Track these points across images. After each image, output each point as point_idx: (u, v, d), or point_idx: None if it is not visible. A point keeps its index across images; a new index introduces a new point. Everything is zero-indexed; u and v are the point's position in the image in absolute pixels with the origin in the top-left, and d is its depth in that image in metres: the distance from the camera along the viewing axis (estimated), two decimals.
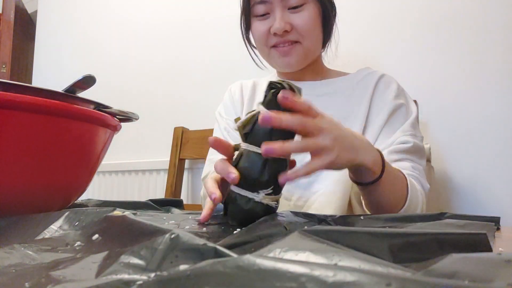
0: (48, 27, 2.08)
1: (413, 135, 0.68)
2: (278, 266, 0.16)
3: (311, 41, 0.71)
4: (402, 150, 0.66)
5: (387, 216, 0.42)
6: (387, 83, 0.75)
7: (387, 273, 0.15)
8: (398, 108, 0.72)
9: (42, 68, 2.06)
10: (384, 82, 0.76)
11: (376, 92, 0.75)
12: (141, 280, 0.18)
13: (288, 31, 0.69)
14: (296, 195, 0.73)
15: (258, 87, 0.84)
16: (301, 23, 0.69)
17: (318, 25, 0.72)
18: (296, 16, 0.69)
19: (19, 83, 0.38)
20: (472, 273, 0.16)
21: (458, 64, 0.99)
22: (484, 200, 0.92)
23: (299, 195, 0.72)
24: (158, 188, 1.42)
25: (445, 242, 0.24)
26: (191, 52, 1.52)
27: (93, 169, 0.50)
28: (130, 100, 1.65)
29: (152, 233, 0.25)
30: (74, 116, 0.42)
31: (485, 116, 0.95)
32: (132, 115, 0.54)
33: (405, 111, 0.72)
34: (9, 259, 0.25)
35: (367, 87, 0.75)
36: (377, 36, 1.11)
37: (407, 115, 0.72)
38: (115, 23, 1.79)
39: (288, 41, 0.70)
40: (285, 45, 0.70)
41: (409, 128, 0.69)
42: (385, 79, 0.76)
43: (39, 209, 0.42)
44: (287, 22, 0.68)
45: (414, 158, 0.67)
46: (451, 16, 1.02)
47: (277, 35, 0.69)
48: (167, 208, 0.61)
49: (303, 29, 0.69)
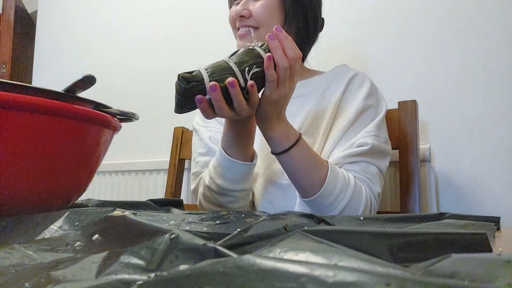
0: (48, 27, 2.08)
1: (375, 136, 0.69)
2: (278, 266, 0.16)
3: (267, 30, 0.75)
4: (357, 153, 0.67)
5: (387, 216, 0.42)
6: (360, 82, 0.76)
7: (387, 273, 0.15)
8: (366, 109, 0.72)
9: (42, 68, 2.06)
10: (357, 80, 0.76)
11: (348, 90, 0.76)
12: (141, 280, 0.18)
13: (246, 17, 0.77)
14: (278, 196, 0.74)
15: None
16: (256, 10, 0.76)
17: (278, 16, 0.78)
18: (256, 4, 0.77)
19: (19, 83, 0.38)
20: (472, 273, 0.16)
21: (458, 64, 0.99)
22: (484, 200, 0.92)
23: (281, 197, 0.74)
24: (158, 188, 1.42)
25: (445, 242, 0.24)
26: (191, 52, 1.52)
27: (93, 169, 0.50)
28: (130, 100, 1.65)
29: (152, 233, 0.25)
30: (74, 116, 0.42)
31: (485, 116, 0.95)
32: (132, 115, 0.54)
33: (373, 113, 0.72)
34: (9, 259, 0.25)
35: (340, 84, 0.77)
36: (377, 36, 1.11)
37: (374, 115, 0.72)
38: (115, 23, 1.79)
39: (247, 25, 0.77)
40: (243, 29, 0.78)
41: (373, 129, 0.70)
42: (359, 78, 0.77)
43: (39, 209, 0.42)
44: (245, 8, 0.77)
45: (370, 160, 0.68)
46: (451, 16, 1.02)
47: (238, 19, 0.78)
48: (167, 208, 0.61)
49: (258, 15, 0.76)
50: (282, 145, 0.61)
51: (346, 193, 0.62)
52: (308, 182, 0.62)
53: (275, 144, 0.62)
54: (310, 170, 0.62)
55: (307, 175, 0.62)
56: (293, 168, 0.62)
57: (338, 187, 0.62)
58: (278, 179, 0.75)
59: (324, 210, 0.63)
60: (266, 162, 0.77)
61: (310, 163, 0.62)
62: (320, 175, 0.62)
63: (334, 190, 0.62)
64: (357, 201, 0.63)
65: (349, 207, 0.62)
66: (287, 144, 0.61)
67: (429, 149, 0.95)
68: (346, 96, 0.75)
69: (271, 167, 0.76)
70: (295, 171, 0.62)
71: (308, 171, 0.62)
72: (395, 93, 1.02)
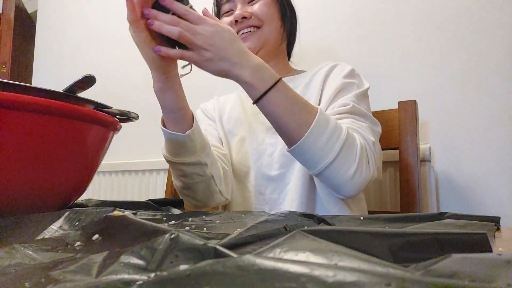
0: (48, 27, 2.08)
1: (355, 102, 0.68)
2: (278, 266, 0.16)
3: (269, 27, 0.79)
4: (340, 112, 0.66)
5: (387, 216, 0.42)
6: (341, 68, 0.77)
7: (387, 273, 0.15)
8: (347, 86, 0.72)
9: (42, 68, 2.06)
10: (338, 67, 0.78)
11: (329, 76, 0.77)
12: (141, 280, 0.18)
13: (247, 18, 0.78)
14: (269, 188, 0.76)
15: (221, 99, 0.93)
16: (258, 9, 0.78)
17: (276, 14, 0.81)
18: (254, 6, 0.79)
19: (19, 83, 0.38)
20: (472, 273, 0.16)
21: (458, 64, 0.99)
22: (484, 200, 0.92)
23: (272, 188, 0.75)
24: (158, 188, 1.42)
25: (445, 242, 0.24)
26: None
27: (93, 169, 0.50)
28: (130, 100, 1.65)
29: (152, 233, 0.25)
30: (74, 116, 0.42)
31: (485, 116, 0.95)
32: (132, 115, 0.54)
33: (355, 88, 0.72)
34: (9, 259, 0.25)
35: (322, 74, 0.78)
36: (377, 36, 1.11)
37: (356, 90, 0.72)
38: (115, 23, 1.79)
39: (249, 25, 0.79)
40: (245, 31, 0.79)
41: (352, 97, 0.69)
42: (340, 65, 0.78)
43: (39, 209, 0.42)
44: (245, 11, 0.79)
45: (356, 117, 0.67)
46: (451, 16, 1.02)
47: (238, 22, 0.78)
48: (167, 208, 0.61)
49: (260, 14, 0.78)
50: (257, 90, 0.56)
51: (340, 134, 0.58)
52: (293, 124, 0.57)
53: (250, 91, 0.57)
54: (294, 112, 0.57)
55: (292, 118, 0.57)
56: (275, 113, 0.57)
57: (330, 127, 0.57)
58: (267, 171, 0.76)
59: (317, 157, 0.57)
60: (256, 155, 0.78)
61: (294, 106, 0.57)
62: (307, 117, 0.57)
63: (326, 129, 0.57)
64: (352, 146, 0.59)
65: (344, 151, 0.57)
66: (262, 88, 0.56)
67: (429, 149, 0.95)
68: (328, 81, 0.76)
69: (260, 160, 0.78)
70: (278, 116, 0.57)
71: (292, 114, 0.56)
72: (395, 93, 1.02)
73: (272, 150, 0.77)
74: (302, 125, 0.57)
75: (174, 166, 0.68)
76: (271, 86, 0.56)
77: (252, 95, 0.57)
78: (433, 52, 1.03)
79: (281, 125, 0.58)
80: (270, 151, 0.77)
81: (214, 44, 0.54)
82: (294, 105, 0.57)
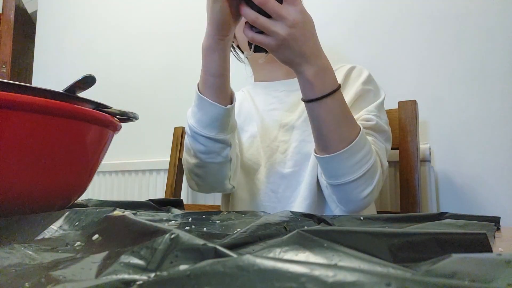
0: (48, 27, 2.08)
1: (377, 116, 0.69)
2: (278, 266, 0.16)
3: None
4: (365, 126, 0.66)
5: (387, 216, 0.42)
6: (358, 72, 0.77)
7: (387, 273, 0.15)
8: (365, 93, 0.73)
9: (42, 68, 2.06)
10: (356, 71, 0.77)
11: (346, 79, 0.76)
12: (141, 280, 0.18)
13: None
14: (282, 186, 0.74)
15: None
16: None
17: None
18: None
19: (19, 83, 0.38)
20: (472, 273, 0.16)
21: (459, 64, 0.99)
22: (484, 200, 0.92)
23: (285, 186, 0.74)
24: (158, 188, 1.42)
25: (445, 242, 0.24)
26: (191, 52, 1.52)
27: (93, 169, 0.50)
28: (130, 100, 1.65)
29: (152, 233, 0.25)
30: (74, 116, 0.42)
31: (485, 116, 0.95)
32: (132, 115, 0.54)
33: (372, 96, 0.73)
34: (9, 259, 0.25)
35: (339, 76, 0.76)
36: (377, 36, 1.11)
37: (374, 99, 0.72)
38: (115, 23, 1.79)
39: None
40: None
41: (374, 109, 0.70)
42: (357, 69, 0.78)
43: (39, 209, 0.42)
44: None
45: (377, 136, 0.68)
46: (452, 16, 1.02)
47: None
48: (167, 208, 0.61)
49: None
50: (313, 92, 0.55)
51: (371, 157, 0.59)
52: (335, 136, 0.57)
53: (307, 90, 0.56)
54: (341, 125, 0.57)
55: (337, 130, 0.57)
56: (322, 119, 0.56)
57: (366, 148, 0.58)
58: (280, 168, 0.74)
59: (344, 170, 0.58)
60: (268, 152, 0.76)
61: (343, 119, 0.57)
62: (350, 134, 0.57)
63: (362, 150, 0.58)
64: (375, 170, 0.60)
65: (368, 174, 0.59)
66: (320, 92, 0.55)
67: (429, 149, 0.95)
68: (345, 85, 0.76)
69: (273, 156, 0.76)
70: (324, 123, 0.56)
71: (339, 126, 0.56)
72: (395, 93, 1.02)
73: (285, 148, 0.75)
74: (343, 141, 0.57)
75: (196, 139, 0.64)
76: (330, 93, 0.55)
77: (307, 95, 0.56)
78: (433, 52, 1.03)
79: (323, 132, 0.57)
80: (283, 148, 0.76)
81: (294, 34, 0.50)
82: (343, 117, 0.57)
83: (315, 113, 0.57)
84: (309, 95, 0.56)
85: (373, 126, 0.67)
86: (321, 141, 0.59)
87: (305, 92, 0.56)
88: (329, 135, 0.57)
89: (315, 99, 0.55)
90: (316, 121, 0.58)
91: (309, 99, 0.56)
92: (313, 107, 0.56)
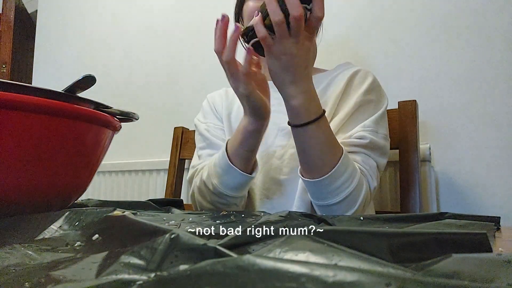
0: (48, 27, 2.08)
1: (373, 132, 0.68)
2: (278, 266, 0.16)
3: None
4: (357, 145, 0.66)
5: (387, 216, 0.42)
6: (362, 78, 0.75)
7: (387, 273, 0.15)
8: (365, 104, 0.72)
9: (42, 68, 2.06)
10: (359, 76, 0.76)
11: (349, 85, 0.75)
12: (141, 280, 0.18)
13: None
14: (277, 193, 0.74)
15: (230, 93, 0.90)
16: None
17: None
18: None
19: (19, 83, 0.38)
20: (472, 273, 0.16)
21: (459, 64, 0.99)
22: (484, 200, 0.92)
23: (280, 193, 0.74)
24: (158, 188, 1.42)
25: (445, 242, 0.24)
26: (192, 52, 1.52)
27: (93, 169, 0.50)
28: (130, 100, 1.65)
29: (152, 233, 0.25)
30: (74, 116, 0.42)
31: (485, 116, 0.95)
32: (132, 115, 0.54)
33: (372, 107, 0.72)
34: (9, 259, 0.25)
35: (342, 80, 0.76)
36: (377, 36, 1.11)
37: (373, 111, 0.71)
38: (115, 23, 1.79)
39: None
40: None
41: (371, 124, 0.69)
42: (361, 74, 0.76)
43: (39, 209, 0.42)
44: None
45: (370, 153, 0.67)
46: (452, 16, 1.02)
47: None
48: (167, 208, 0.61)
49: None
50: (299, 118, 0.57)
51: (352, 182, 0.60)
52: (319, 162, 0.59)
53: (292, 116, 0.58)
54: (324, 152, 0.59)
55: (320, 156, 0.59)
56: (306, 144, 0.59)
57: (347, 173, 0.60)
58: (276, 174, 0.74)
59: (326, 195, 0.61)
60: (264, 158, 0.76)
61: (326, 145, 0.59)
62: (333, 158, 0.59)
63: (343, 175, 0.59)
64: (358, 193, 0.61)
65: (350, 197, 0.60)
66: (305, 119, 0.57)
67: (429, 149, 0.95)
68: (347, 91, 0.74)
69: (269, 162, 0.75)
70: (308, 148, 0.59)
71: (322, 152, 0.58)
72: (395, 93, 1.02)
73: (282, 153, 0.75)
74: (325, 165, 0.59)
75: (221, 196, 0.68)
76: (314, 120, 0.57)
77: (292, 119, 0.58)
78: (433, 52, 1.03)
79: (306, 156, 0.60)
80: (279, 153, 0.75)
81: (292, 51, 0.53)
82: (326, 143, 0.59)
83: (298, 137, 0.59)
84: (294, 120, 0.58)
85: (367, 144, 0.67)
86: (305, 165, 0.61)
87: (291, 117, 0.59)
88: (312, 160, 0.59)
89: (300, 125, 0.57)
90: (300, 145, 0.60)
91: (294, 125, 0.58)
92: (297, 132, 0.59)
